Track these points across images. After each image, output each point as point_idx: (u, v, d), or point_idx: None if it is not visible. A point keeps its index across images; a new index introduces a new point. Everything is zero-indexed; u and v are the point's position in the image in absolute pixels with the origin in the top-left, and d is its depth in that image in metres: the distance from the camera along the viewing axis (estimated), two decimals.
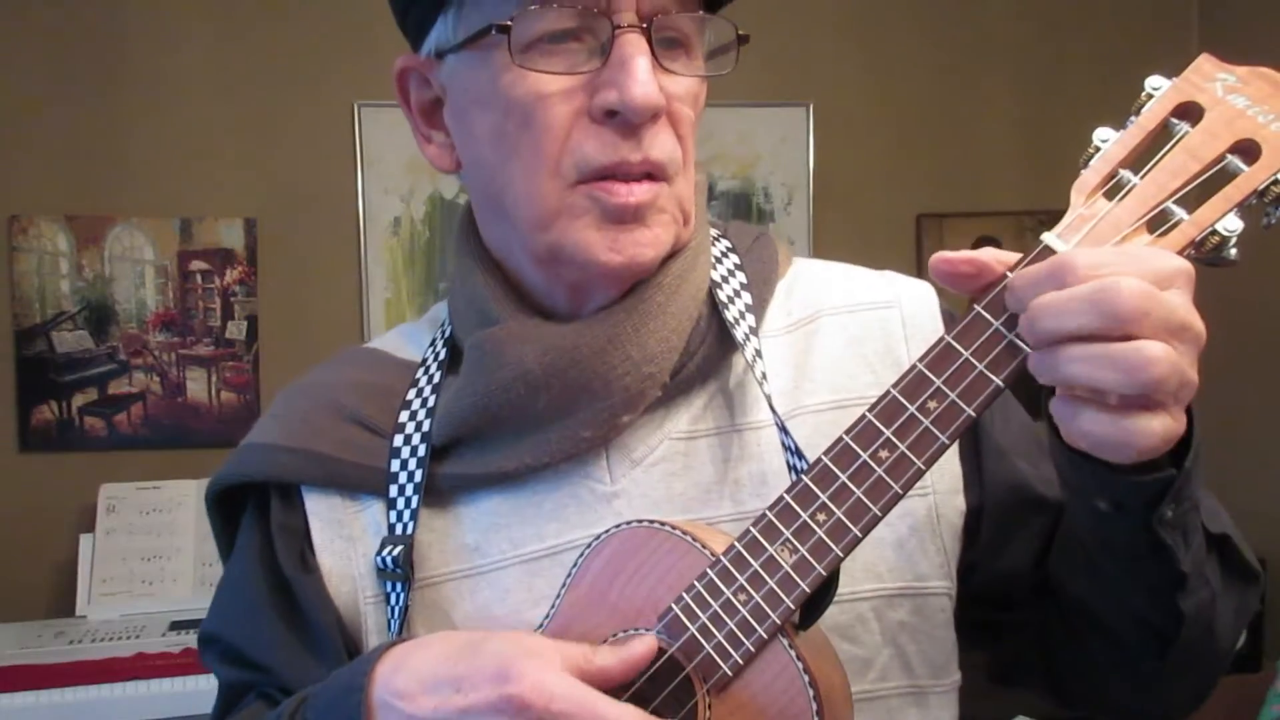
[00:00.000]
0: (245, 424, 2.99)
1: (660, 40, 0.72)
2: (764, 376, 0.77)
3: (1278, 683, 2.62)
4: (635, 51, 0.70)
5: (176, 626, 2.36)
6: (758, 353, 0.78)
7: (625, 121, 0.71)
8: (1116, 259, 0.58)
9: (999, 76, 3.18)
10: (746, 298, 0.82)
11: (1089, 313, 0.56)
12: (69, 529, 2.60)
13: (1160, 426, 0.57)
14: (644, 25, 0.71)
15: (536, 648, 0.65)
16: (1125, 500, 0.65)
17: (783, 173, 3.07)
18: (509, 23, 0.70)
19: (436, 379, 0.83)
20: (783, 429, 0.75)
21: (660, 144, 0.73)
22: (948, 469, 0.79)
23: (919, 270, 3.46)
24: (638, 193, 0.73)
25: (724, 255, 0.85)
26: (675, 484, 0.78)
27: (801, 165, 3.07)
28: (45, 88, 2.71)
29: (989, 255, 0.65)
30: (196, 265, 2.80)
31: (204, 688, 2.15)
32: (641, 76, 0.69)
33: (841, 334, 0.82)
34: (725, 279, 0.83)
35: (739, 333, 0.79)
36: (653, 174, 0.73)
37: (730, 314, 0.80)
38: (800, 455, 0.73)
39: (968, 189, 3.17)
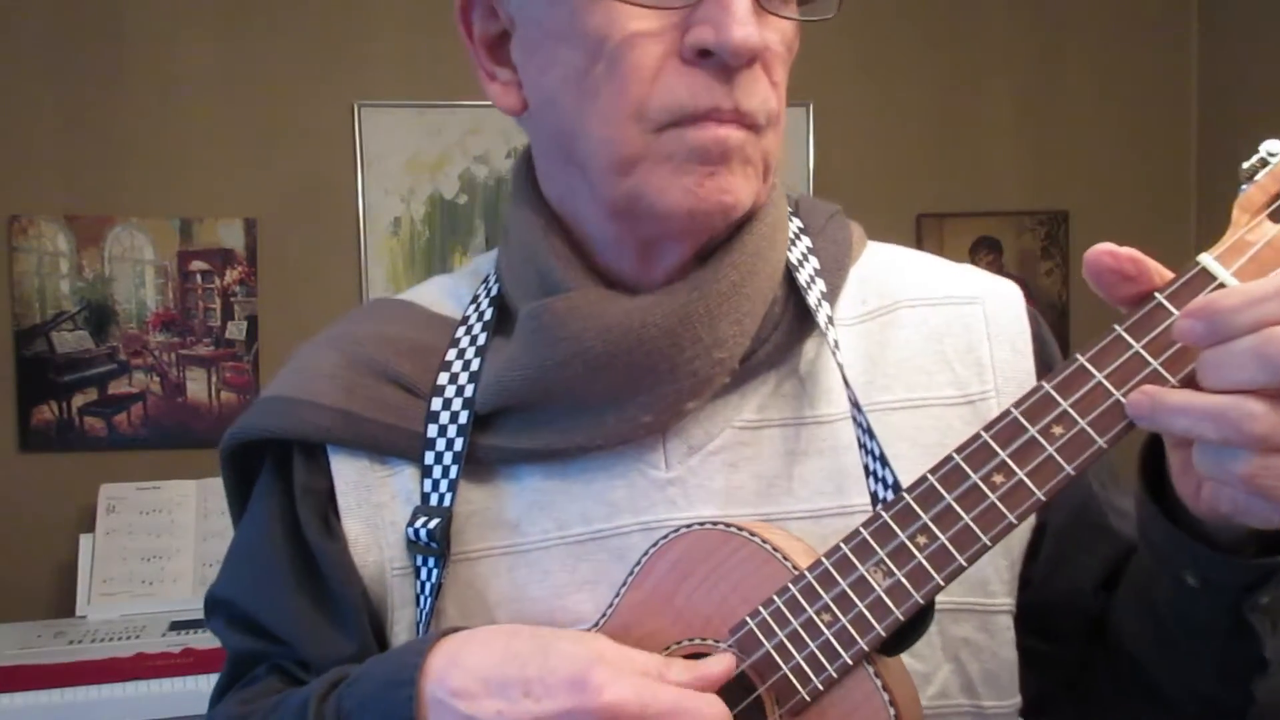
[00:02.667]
0: None
1: None
2: (843, 367, 0.71)
3: None
4: None
5: (176, 626, 2.35)
6: (837, 342, 0.73)
7: (720, 63, 0.65)
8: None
9: (999, 76, 3.17)
10: (822, 283, 0.76)
11: (1253, 368, 0.50)
12: (69, 529, 2.60)
13: None
14: None
15: (611, 654, 0.61)
16: (1219, 579, 0.60)
17: (783, 173, 3.04)
18: None
19: (481, 340, 0.77)
20: (866, 430, 0.69)
21: (756, 92, 0.67)
22: None
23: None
24: (725, 130, 0.66)
25: (799, 235, 0.79)
26: (735, 475, 0.73)
27: (801, 165, 3.07)
28: (45, 88, 2.70)
29: (1153, 267, 0.58)
30: (196, 265, 2.80)
31: (204, 688, 2.15)
32: (741, 15, 0.63)
33: (920, 328, 0.76)
34: (802, 261, 0.77)
35: (821, 318, 0.73)
36: (742, 124, 0.67)
37: (811, 297, 0.74)
38: (884, 461, 0.67)
39: (968, 189, 3.17)
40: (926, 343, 0.76)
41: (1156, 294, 0.57)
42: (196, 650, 2.22)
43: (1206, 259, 0.56)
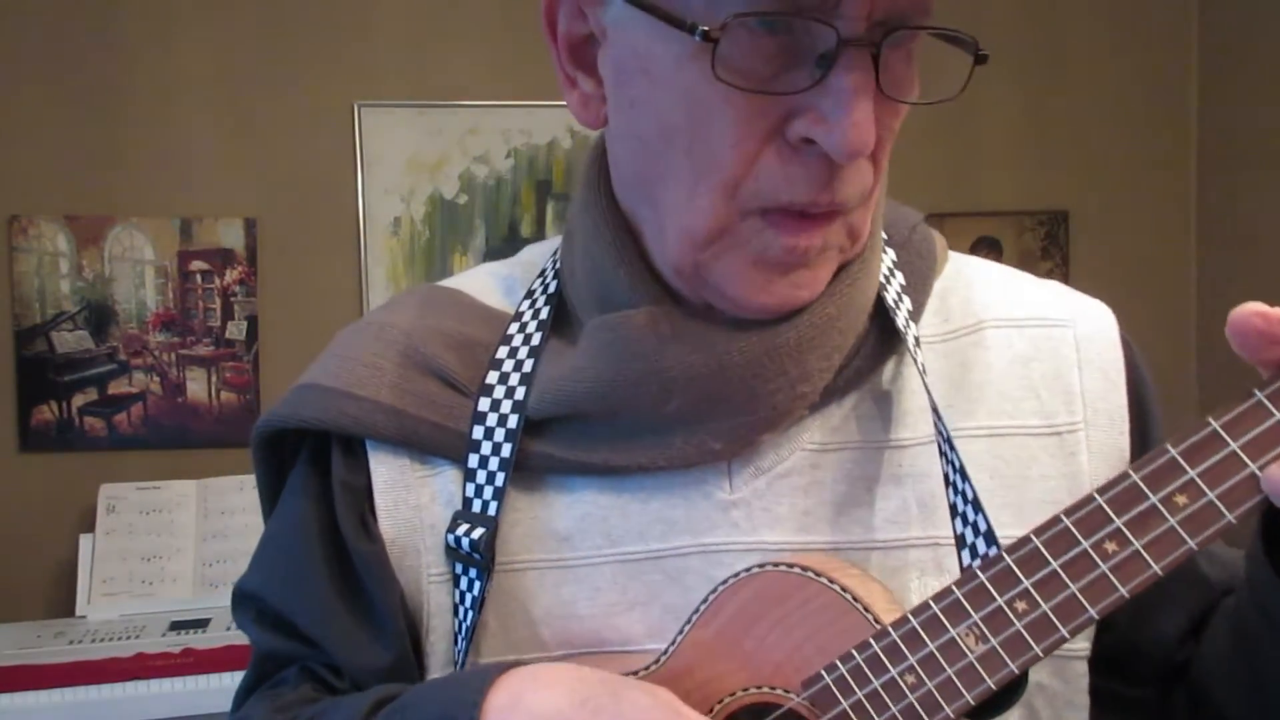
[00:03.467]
0: (245, 424, 2.98)
1: (886, 79, 0.59)
2: (929, 391, 0.67)
3: None
4: (859, 84, 0.57)
5: (176, 626, 2.35)
6: (924, 367, 0.68)
7: (825, 158, 0.59)
8: None
9: (999, 76, 3.17)
10: (908, 302, 0.71)
11: None
12: (69, 529, 2.60)
13: None
14: (873, 44, 0.57)
15: (681, 712, 0.57)
16: None
17: None
18: (717, 35, 0.57)
19: (536, 340, 0.72)
20: (960, 471, 0.64)
21: (859, 181, 0.62)
22: None
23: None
24: (808, 237, 0.62)
25: (884, 249, 0.73)
26: (803, 500, 0.68)
27: None
28: (45, 88, 2.70)
29: None
30: (196, 265, 2.80)
31: (204, 688, 2.15)
32: (859, 118, 0.57)
33: (1006, 350, 0.71)
34: (888, 277, 0.71)
35: (909, 341, 0.68)
36: (837, 211, 0.63)
37: (899, 319, 0.69)
38: (978, 505, 0.63)
39: (968, 189, 3.17)
40: (1012, 367, 0.71)
41: None
42: (196, 650, 2.22)
43: None
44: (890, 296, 0.70)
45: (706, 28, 0.56)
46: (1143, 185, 3.19)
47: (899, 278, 0.72)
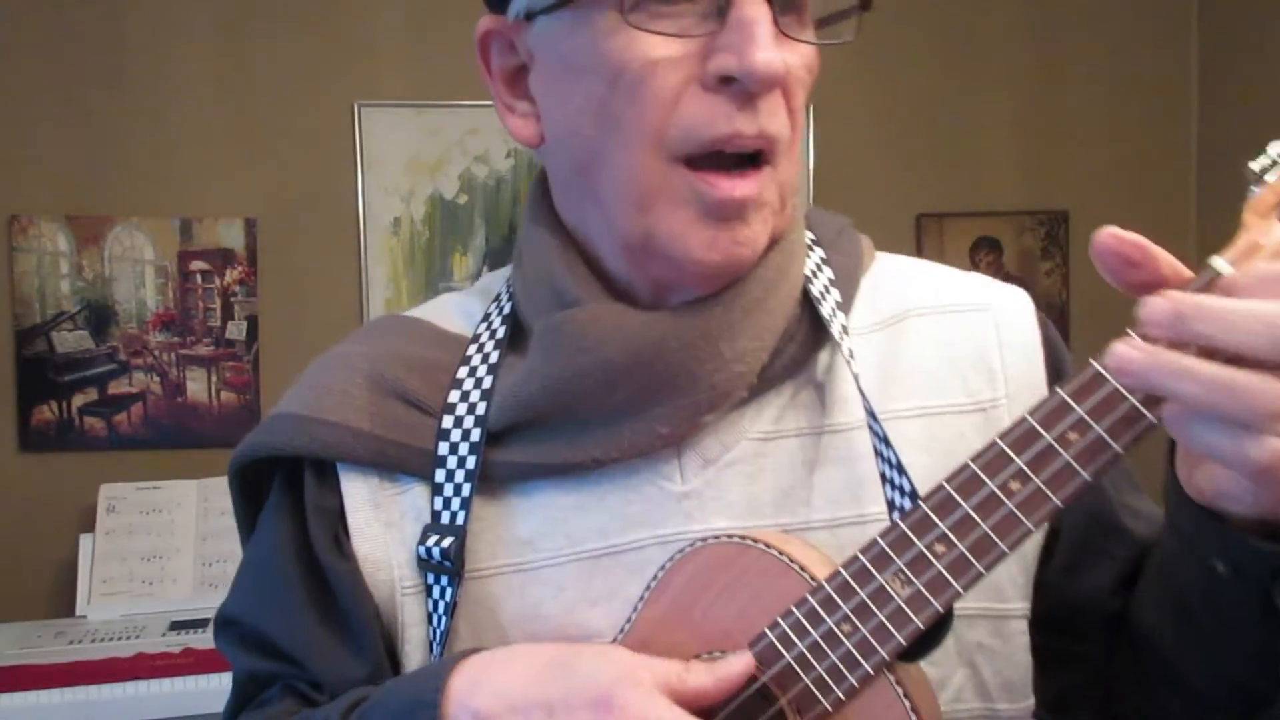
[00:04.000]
0: (245, 424, 2.99)
1: (779, 4, 0.66)
2: (858, 377, 0.72)
3: None
4: (757, 12, 0.64)
5: (176, 626, 2.35)
6: (852, 352, 0.73)
7: (742, 90, 0.65)
8: None
9: (999, 76, 3.17)
10: (836, 294, 0.77)
11: (1263, 335, 0.50)
12: (69, 529, 2.60)
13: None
14: None
15: (633, 671, 0.61)
16: (1248, 566, 0.59)
17: None
18: None
19: (493, 358, 0.76)
20: (883, 439, 0.69)
21: (776, 117, 0.67)
22: None
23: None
24: (741, 187, 0.67)
25: (812, 246, 0.79)
26: (751, 486, 0.73)
27: (802, 165, 3.07)
28: (45, 88, 2.70)
29: (1162, 256, 0.57)
30: (196, 265, 2.80)
31: (204, 688, 2.15)
32: (763, 40, 0.64)
33: (931, 337, 0.77)
34: (815, 272, 0.77)
35: (835, 329, 0.73)
36: (763, 152, 0.67)
37: (825, 309, 0.74)
38: (901, 470, 0.68)
39: (968, 189, 3.17)
40: (938, 351, 0.76)
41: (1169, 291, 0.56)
42: (196, 650, 2.22)
43: (1219, 262, 0.55)
44: (816, 288, 0.75)
45: None
46: (1143, 185, 3.19)
47: (826, 272, 0.77)
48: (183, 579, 2.52)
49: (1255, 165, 0.57)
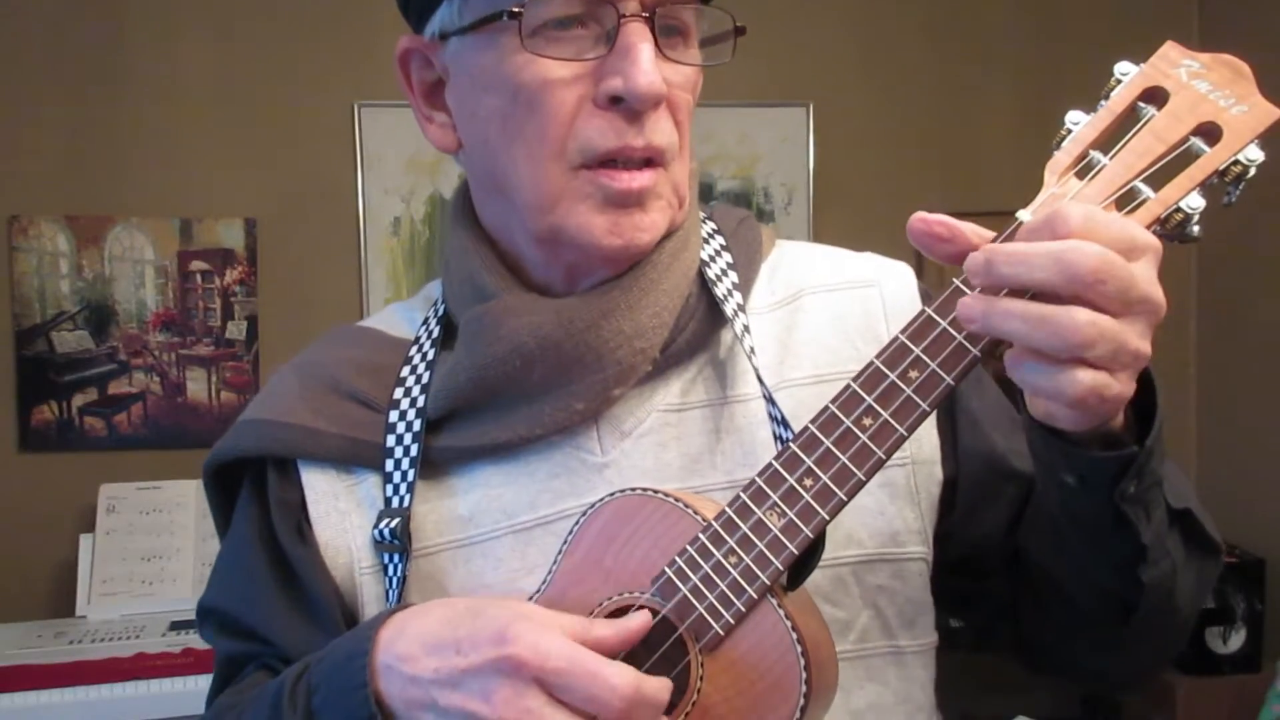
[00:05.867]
0: None
1: (661, 28, 0.74)
2: (752, 350, 0.79)
3: (1278, 683, 2.62)
4: (639, 40, 0.72)
5: (176, 626, 2.36)
6: (746, 328, 0.80)
7: (629, 108, 0.73)
8: (1094, 220, 0.59)
9: (999, 76, 3.18)
10: (734, 276, 0.84)
11: (1051, 269, 0.58)
12: (69, 529, 2.60)
13: (1090, 380, 0.58)
14: (647, 14, 0.73)
15: (534, 613, 0.68)
16: (1089, 475, 0.67)
17: (783, 173, 3.07)
18: (519, 9, 0.72)
19: (430, 355, 0.84)
20: (770, 399, 0.77)
21: (661, 130, 0.75)
22: (926, 440, 0.82)
23: (918, 269, 3.45)
24: (639, 179, 0.75)
25: (711, 235, 0.87)
26: (664, 454, 0.80)
27: (801, 165, 3.07)
28: (45, 88, 2.71)
29: (967, 228, 0.67)
30: (196, 265, 2.80)
31: (204, 688, 2.13)
32: (645, 65, 0.72)
33: (824, 311, 0.85)
34: (713, 258, 0.85)
35: (728, 308, 0.81)
36: (653, 159, 0.76)
37: (719, 290, 0.82)
38: (786, 425, 0.75)
39: (968, 189, 3.16)
40: (830, 324, 0.84)
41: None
42: (196, 650, 2.22)
43: (1023, 214, 0.66)
44: (714, 271, 0.84)
45: (513, 8, 0.72)
46: None
47: (725, 257, 0.86)
48: (183, 579, 2.52)
49: (1056, 139, 0.67)
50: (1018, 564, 0.84)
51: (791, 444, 0.68)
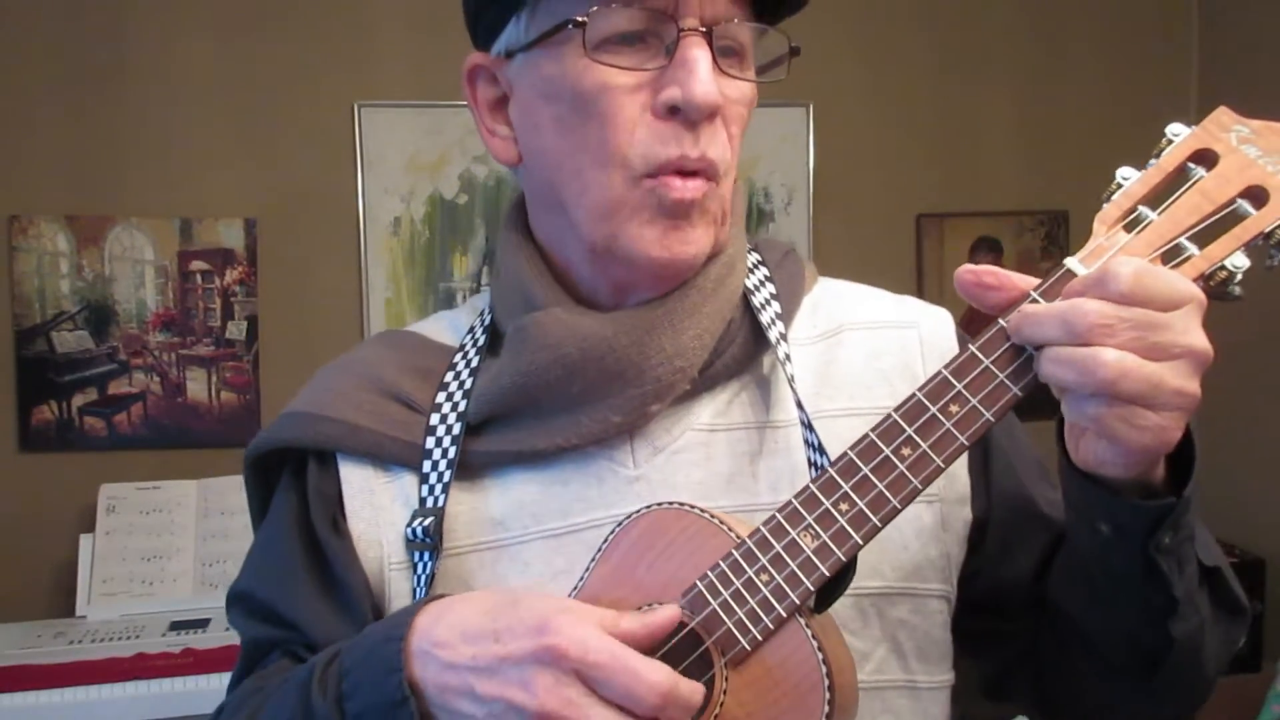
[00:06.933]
0: (245, 424, 2.98)
1: (719, 48, 0.77)
2: (792, 377, 0.81)
3: (1278, 683, 2.62)
4: (698, 53, 0.75)
5: (176, 626, 2.36)
6: (788, 356, 0.82)
7: (686, 118, 0.76)
8: (1142, 274, 0.62)
9: (999, 76, 3.18)
10: (777, 306, 0.87)
11: (1056, 326, 0.63)
12: (69, 529, 2.60)
13: (1123, 424, 0.62)
14: (706, 30, 0.76)
15: (573, 606, 0.69)
16: (1125, 524, 0.69)
17: (783, 173, 3.07)
18: (584, 19, 0.75)
19: (475, 363, 0.87)
20: (808, 425, 0.79)
21: (717, 143, 0.78)
22: (957, 480, 0.83)
23: (918, 269, 3.46)
24: (691, 188, 0.77)
25: (757, 265, 0.90)
26: (695, 472, 0.82)
27: (801, 165, 3.07)
28: (45, 88, 2.71)
29: (1015, 277, 0.69)
30: (196, 265, 2.80)
31: (204, 688, 2.15)
32: (703, 75, 0.75)
33: (863, 348, 0.87)
34: (758, 287, 0.88)
35: (772, 334, 0.83)
36: (705, 171, 0.78)
37: (764, 317, 0.85)
38: (823, 451, 0.77)
39: (968, 189, 3.17)
40: (867, 360, 0.86)
41: (1032, 292, 0.67)
42: (196, 650, 2.22)
43: (1071, 262, 0.67)
44: (758, 300, 0.86)
45: (576, 17, 0.75)
46: None
47: (769, 288, 0.88)
48: (183, 579, 2.52)
49: (1106, 193, 0.70)
50: (1043, 614, 0.85)
51: (830, 468, 0.70)
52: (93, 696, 2.13)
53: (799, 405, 0.80)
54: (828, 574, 0.68)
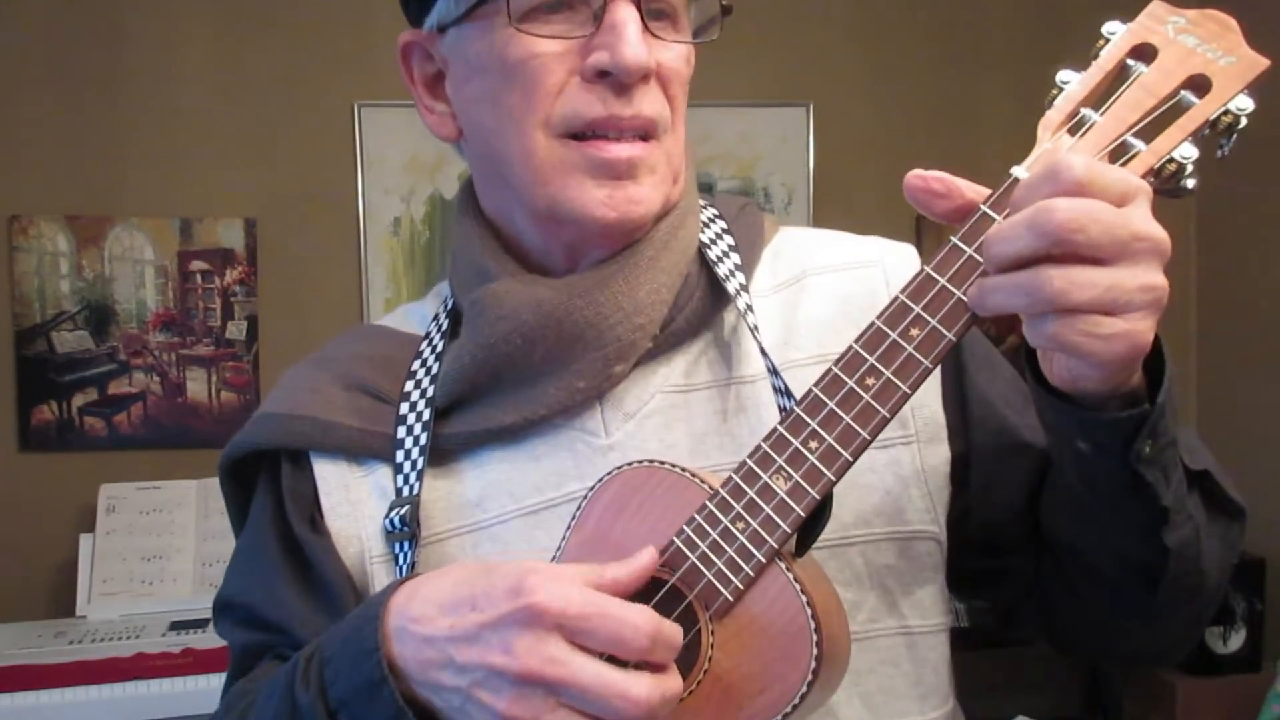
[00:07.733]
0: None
1: (650, 10, 0.76)
2: (755, 327, 0.79)
3: (1278, 683, 2.62)
4: (626, 17, 0.74)
5: (176, 626, 2.36)
6: (749, 306, 0.81)
7: (616, 81, 0.75)
8: (1093, 168, 0.60)
9: (999, 76, 3.18)
10: (735, 258, 0.85)
11: (1027, 236, 0.60)
12: (69, 529, 2.60)
13: (1086, 337, 0.59)
14: None
15: (546, 567, 0.67)
16: (1103, 439, 0.67)
17: (783, 173, 3.07)
18: None
19: (439, 347, 0.86)
20: (774, 372, 0.78)
21: (650, 102, 0.77)
22: (932, 418, 0.82)
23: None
24: (628, 150, 0.77)
25: (713, 220, 0.89)
26: (669, 435, 0.81)
27: (801, 165, 3.07)
28: (45, 88, 2.71)
29: (963, 184, 0.68)
30: (196, 265, 2.80)
31: (204, 688, 2.15)
32: (631, 38, 0.74)
33: (828, 292, 0.85)
34: (715, 240, 0.86)
35: (731, 286, 0.82)
36: (645, 131, 0.77)
37: (721, 270, 0.83)
38: (791, 397, 0.75)
39: None
40: (833, 304, 0.84)
41: (981, 205, 0.66)
42: (196, 650, 2.22)
43: (1018, 170, 0.66)
44: (715, 253, 0.85)
45: None
46: None
47: (727, 240, 0.87)
48: (183, 579, 2.52)
49: (1048, 98, 0.68)
50: (1041, 543, 0.84)
51: (795, 407, 0.68)
52: (93, 696, 2.13)
53: (763, 353, 0.78)
54: (803, 514, 0.67)
